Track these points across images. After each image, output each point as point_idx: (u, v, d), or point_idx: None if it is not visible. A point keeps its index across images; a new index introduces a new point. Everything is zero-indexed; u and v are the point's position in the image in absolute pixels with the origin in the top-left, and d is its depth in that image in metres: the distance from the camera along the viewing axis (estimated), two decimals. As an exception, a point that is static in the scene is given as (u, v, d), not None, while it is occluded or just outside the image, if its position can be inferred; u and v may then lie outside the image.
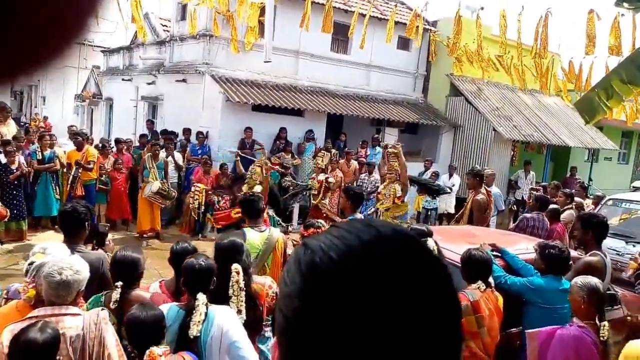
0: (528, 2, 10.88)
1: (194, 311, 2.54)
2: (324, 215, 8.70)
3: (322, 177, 8.91)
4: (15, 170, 7.91)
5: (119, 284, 2.80)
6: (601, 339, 2.86)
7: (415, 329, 0.55)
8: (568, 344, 2.86)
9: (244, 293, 2.91)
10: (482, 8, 13.39)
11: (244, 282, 2.93)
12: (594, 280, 3.00)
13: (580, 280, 3.04)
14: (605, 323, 2.90)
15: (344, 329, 0.55)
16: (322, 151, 10.39)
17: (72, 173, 8.75)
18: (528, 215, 6.56)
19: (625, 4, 4.29)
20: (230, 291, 2.87)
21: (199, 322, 2.52)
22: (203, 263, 2.70)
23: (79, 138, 9.26)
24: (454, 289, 0.61)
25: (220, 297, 2.82)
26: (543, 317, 3.24)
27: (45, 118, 17.33)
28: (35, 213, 8.76)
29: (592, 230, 4.16)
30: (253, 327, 2.88)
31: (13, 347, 2.05)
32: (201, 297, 2.58)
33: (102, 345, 2.49)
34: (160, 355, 2.14)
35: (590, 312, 2.95)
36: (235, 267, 2.94)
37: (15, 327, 2.34)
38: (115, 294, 2.77)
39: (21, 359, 2.05)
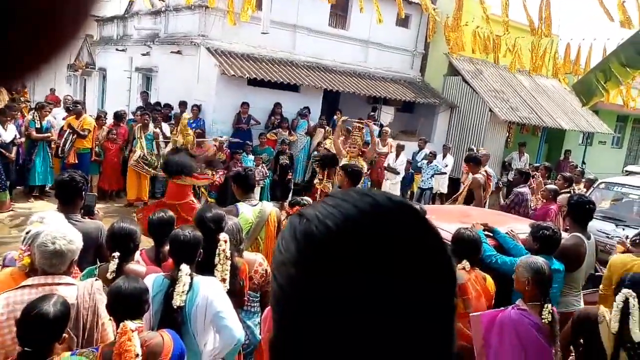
0: (530, -18, 10.71)
1: (177, 282, 2.57)
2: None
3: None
4: None
5: (116, 254, 2.80)
6: (544, 321, 2.90)
7: (413, 299, 0.55)
8: (507, 327, 2.90)
9: (229, 262, 2.93)
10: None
11: (230, 252, 2.95)
12: (539, 261, 3.02)
13: (525, 260, 3.08)
14: (548, 305, 2.94)
15: (339, 298, 0.54)
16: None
17: (65, 137, 8.67)
18: (522, 189, 6.67)
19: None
20: (217, 259, 2.89)
21: (182, 292, 2.55)
22: (188, 234, 2.72)
23: (78, 106, 9.19)
24: (450, 257, 0.61)
25: (206, 266, 2.85)
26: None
27: (52, 91, 17.05)
28: (31, 182, 8.80)
29: (576, 211, 4.21)
30: (235, 298, 2.91)
31: (24, 319, 2.07)
32: (184, 268, 2.60)
33: (95, 314, 2.50)
34: (133, 330, 2.14)
35: (534, 293, 2.97)
36: (224, 236, 2.95)
37: (9, 295, 2.35)
38: (113, 265, 2.78)
39: (32, 330, 2.06)
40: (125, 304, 2.29)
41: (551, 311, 2.95)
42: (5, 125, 8.00)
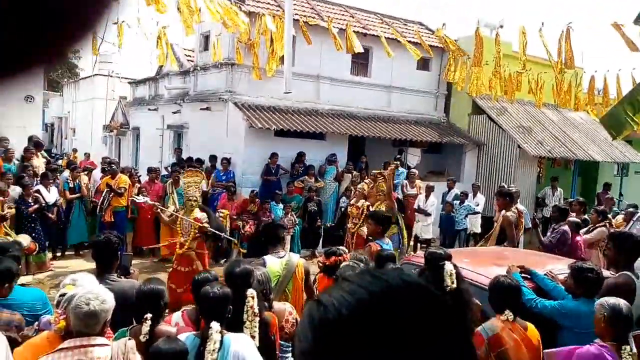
0: (547, 18, 10.83)
1: (208, 340, 2.55)
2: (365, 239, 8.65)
3: (361, 203, 8.85)
4: (30, 204, 7.95)
5: (149, 316, 2.82)
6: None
7: None
8: None
9: (258, 319, 2.90)
10: (501, 26, 13.38)
11: (258, 307, 2.92)
12: (619, 301, 2.90)
13: (605, 299, 2.96)
14: (627, 347, 2.79)
15: None
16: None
17: (103, 196, 8.96)
18: (564, 227, 6.50)
19: (645, 22, 4.23)
20: (245, 316, 2.87)
21: (213, 350, 2.53)
22: (217, 291, 2.72)
23: (113, 166, 9.55)
24: (468, 335, 0.60)
25: (235, 323, 2.83)
26: (577, 342, 3.12)
27: (75, 151, 17.84)
28: (69, 241, 9.13)
29: (624, 250, 4.02)
30: (265, 354, 2.87)
31: None
32: (215, 326, 2.59)
33: (130, 375, 2.51)
34: None
35: (610, 332, 2.85)
36: (251, 292, 2.94)
37: (47, 358, 2.39)
38: (145, 327, 2.79)
39: None
40: None
41: (631, 354, 2.79)
42: (48, 188, 8.39)
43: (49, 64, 0.46)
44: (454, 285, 3.41)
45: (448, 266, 3.46)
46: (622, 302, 2.90)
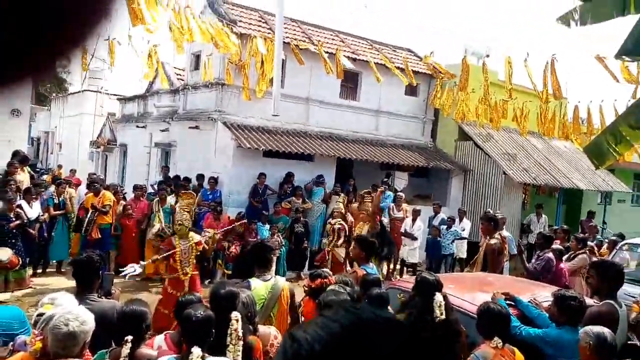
0: (532, 49, 11.09)
1: None
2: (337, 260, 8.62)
3: (336, 221, 8.85)
4: (12, 219, 7.74)
5: (129, 338, 2.76)
6: None
7: None
8: None
9: (241, 342, 2.86)
10: (487, 55, 13.67)
11: (242, 331, 2.88)
12: (604, 330, 2.92)
13: (589, 328, 2.98)
14: None
15: None
16: (341, 195, 10.41)
17: (88, 216, 8.83)
18: (549, 254, 6.55)
19: (625, 57, 4.36)
20: (228, 339, 2.83)
21: None
22: (200, 314, 2.68)
23: (96, 185, 9.43)
24: None
25: (219, 346, 2.78)
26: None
27: (60, 167, 17.65)
28: (52, 258, 8.97)
29: (607, 278, 4.06)
30: None
31: None
32: (195, 350, 2.55)
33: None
34: None
35: None
36: (235, 315, 2.90)
37: (20, 381, 2.32)
38: (126, 349, 2.73)
39: None
40: None
41: None
42: (30, 203, 8.25)
43: (37, 77, 0.46)
44: (443, 317, 3.41)
45: (438, 297, 3.47)
46: (606, 331, 2.92)
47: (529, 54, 10.30)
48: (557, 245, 6.83)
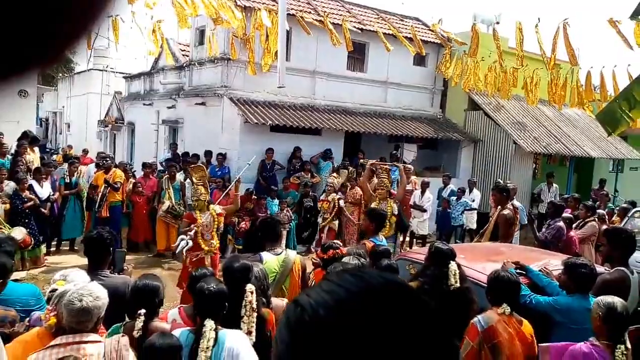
0: (543, 14, 10.81)
1: (202, 337, 2.54)
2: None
3: (332, 197, 8.86)
4: (25, 199, 7.84)
5: (142, 311, 2.80)
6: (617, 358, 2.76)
7: None
8: None
9: (255, 314, 2.89)
10: (497, 22, 13.35)
11: (256, 303, 2.91)
12: (614, 300, 2.90)
13: (601, 298, 2.97)
14: (622, 347, 2.79)
15: None
16: (334, 172, 10.41)
17: (101, 192, 8.88)
18: (560, 223, 6.54)
19: (641, 17, 4.22)
20: (243, 311, 2.86)
21: (206, 348, 2.52)
22: (213, 288, 2.70)
23: (107, 161, 9.48)
24: (449, 337, 0.58)
25: (233, 318, 2.81)
26: (571, 338, 3.13)
27: (70, 147, 17.75)
28: (64, 236, 9.10)
29: (619, 246, 4.02)
30: (261, 350, 2.85)
31: None
32: (209, 323, 2.58)
33: (123, 372, 2.49)
34: None
35: (605, 330, 2.86)
36: (250, 287, 2.93)
37: (38, 356, 2.37)
38: (139, 323, 2.77)
39: None
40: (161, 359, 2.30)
41: (625, 353, 2.80)
42: (41, 183, 8.32)
43: (46, 66, 0.45)
44: (458, 285, 3.43)
45: (453, 265, 3.49)
46: (617, 301, 2.90)
47: (540, 20, 10.02)
48: (567, 214, 6.79)
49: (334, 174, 9.94)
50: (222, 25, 9.88)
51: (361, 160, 11.72)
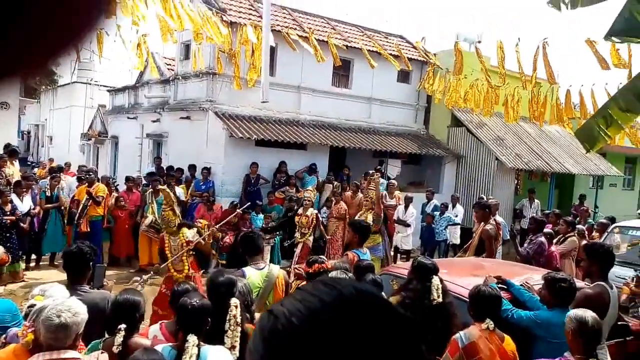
0: (524, 34, 11.05)
1: (184, 353, 2.51)
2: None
3: (310, 212, 8.84)
4: (7, 213, 7.74)
5: (123, 326, 2.76)
6: None
7: None
8: None
9: (239, 328, 2.87)
10: (479, 41, 13.64)
11: (240, 317, 2.89)
12: (586, 314, 2.92)
13: (573, 312, 2.99)
14: None
15: None
16: (310, 187, 10.41)
17: (81, 207, 8.73)
18: (542, 238, 6.63)
19: (614, 38, 4.36)
20: (227, 325, 2.83)
21: None
22: (196, 303, 2.68)
23: (90, 174, 9.36)
24: (419, 347, 0.60)
25: (216, 333, 2.78)
26: (552, 352, 3.16)
27: (51, 160, 17.53)
28: (45, 251, 8.94)
29: (597, 260, 4.09)
30: None
31: None
32: (191, 339, 2.55)
33: (101, 389, 2.45)
34: None
35: (577, 345, 2.88)
36: (234, 301, 2.91)
37: (13, 373, 2.31)
38: (119, 338, 2.72)
39: None
40: None
41: None
42: (21, 197, 8.19)
43: (28, 76, 0.45)
44: (440, 300, 3.45)
45: (435, 280, 3.50)
46: (588, 315, 2.92)
47: (520, 39, 10.27)
48: (548, 229, 6.90)
49: (309, 188, 9.95)
50: (202, 41, 9.90)
51: (344, 173, 11.83)
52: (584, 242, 7.35)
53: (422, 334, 0.60)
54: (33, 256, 9.05)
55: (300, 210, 9.01)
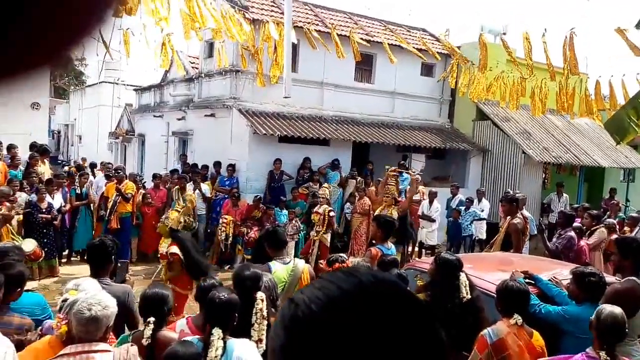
0: (550, 25, 10.81)
1: (210, 346, 2.56)
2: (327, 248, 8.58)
3: (323, 208, 8.82)
4: (44, 210, 8.04)
5: (152, 319, 2.81)
6: None
7: None
8: None
9: (266, 322, 2.90)
10: (504, 33, 13.37)
11: (266, 311, 2.92)
12: (608, 310, 2.86)
13: (601, 306, 2.93)
14: (602, 353, 2.75)
15: None
16: (333, 183, 10.37)
17: (110, 203, 8.88)
18: (571, 233, 6.51)
19: (645, 26, 4.22)
20: (253, 319, 2.87)
21: (215, 357, 2.53)
22: (224, 297, 2.72)
23: (120, 172, 9.53)
24: (439, 334, 0.60)
25: (243, 327, 2.82)
26: (580, 347, 3.09)
27: (84, 160, 17.99)
28: (76, 247, 9.20)
29: (629, 255, 3.99)
30: None
31: None
32: (216, 332, 2.59)
33: (131, 381, 2.51)
34: None
35: (598, 340, 2.83)
36: (260, 295, 2.94)
37: (48, 364, 2.40)
38: (148, 330, 2.78)
39: None
40: None
41: (607, 359, 2.76)
42: (52, 195, 8.43)
43: (47, 66, 0.46)
44: (468, 296, 3.42)
45: (463, 277, 3.47)
46: (610, 310, 2.86)
47: (547, 30, 10.02)
48: (577, 223, 6.76)
49: (325, 185, 9.94)
50: (224, 39, 9.96)
51: (368, 167, 11.78)
52: (614, 236, 7.19)
53: (443, 324, 0.60)
54: (65, 252, 9.32)
55: (318, 209, 9.03)
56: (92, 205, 9.45)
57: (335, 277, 0.62)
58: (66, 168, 15.30)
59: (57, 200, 8.54)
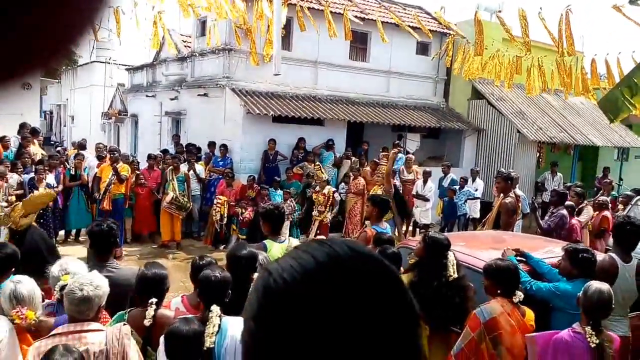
0: (545, 3, 10.66)
1: (207, 323, 2.57)
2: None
3: (327, 189, 8.84)
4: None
5: (154, 300, 2.82)
6: (590, 345, 2.79)
7: (366, 349, 0.54)
8: (560, 349, 2.84)
9: None
10: (500, 10, 13.22)
11: None
12: (595, 286, 2.91)
13: (588, 284, 2.99)
14: (588, 328, 2.83)
15: (295, 352, 0.54)
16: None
17: (105, 183, 8.86)
18: (563, 211, 6.57)
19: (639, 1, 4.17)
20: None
21: (212, 333, 2.55)
22: (219, 275, 2.73)
23: (115, 153, 9.47)
24: (413, 307, 0.59)
25: (237, 307, 2.83)
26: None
27: (85, 140, 17.86)
28: (68, 227, 9.17)
29: (615, 233, 4.03)
30: None
31: None
32: (215, 309, 2.61)
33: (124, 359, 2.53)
34: None
35: (584, 316, 2.89)
36: (256, 275, 2.95)
37: (41, 343, 2.40)
38: (151, 311, 2.78)
39: None
40: (187, 345, 2.39)
41: (592, 334, 2.81)
42: (44, 175, 8.35)
43: (47, 66, 0.45)
44: (456, 275, 3.45)
45: (451, 256, 3.50)
46: (597, 287, 2.91)
47: (542, 8, 9.90)
48: (569, 202, 6.82)
49: (314, 167, 10.01)
50: (216, 13, 9.78)
51: (362, 148, 11.76)
52: (605, 212, 7.29)
53: (430, 302, 0.60)
54: (61, 233, 9.30)
55: (317, 188, 9.04)
56: (84, 185, 9.39)
57: (310, 248, 0.62)
58: (59, 149, 15.20)
59: (49, 180, 8.48)
